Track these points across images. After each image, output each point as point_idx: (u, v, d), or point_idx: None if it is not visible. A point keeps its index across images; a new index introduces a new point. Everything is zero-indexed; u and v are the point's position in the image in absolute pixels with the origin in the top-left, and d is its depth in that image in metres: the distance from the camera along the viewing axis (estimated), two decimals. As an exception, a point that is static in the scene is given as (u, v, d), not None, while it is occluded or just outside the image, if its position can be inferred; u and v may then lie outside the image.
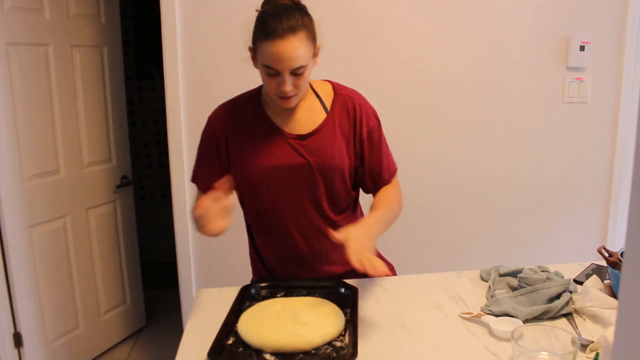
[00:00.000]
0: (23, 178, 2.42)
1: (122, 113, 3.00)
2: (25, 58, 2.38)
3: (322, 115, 1.52)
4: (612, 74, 2.62)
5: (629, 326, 0.46)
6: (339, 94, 1.55)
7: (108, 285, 2.94)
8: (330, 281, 1.50)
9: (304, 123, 1.51)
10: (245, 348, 1.20)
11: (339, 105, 1.53)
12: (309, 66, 1.41)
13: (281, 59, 1.34)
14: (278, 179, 1.49)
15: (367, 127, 1.54)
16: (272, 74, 1.37)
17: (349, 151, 1.53)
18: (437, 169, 2.63)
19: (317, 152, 1.48)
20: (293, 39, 1.33)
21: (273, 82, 1.39)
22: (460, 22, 2.50)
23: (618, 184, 2.72)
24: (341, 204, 1.57)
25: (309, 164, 1.48)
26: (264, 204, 1.53)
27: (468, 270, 1.66)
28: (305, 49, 1.36)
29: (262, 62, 1.38)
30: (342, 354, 1.16)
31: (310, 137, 1.49)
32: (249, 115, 1.53)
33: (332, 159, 1.49)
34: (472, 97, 2.58)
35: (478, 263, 1.81)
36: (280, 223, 1.53)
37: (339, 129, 1.51)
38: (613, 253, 1.48)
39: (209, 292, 1.55)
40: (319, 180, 1.50)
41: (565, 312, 1.35)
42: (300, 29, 1.35)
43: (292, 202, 1.51)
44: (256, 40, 1.38)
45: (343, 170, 1.52)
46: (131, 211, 3.11)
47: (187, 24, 2.39)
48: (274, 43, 1.33)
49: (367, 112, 1.56)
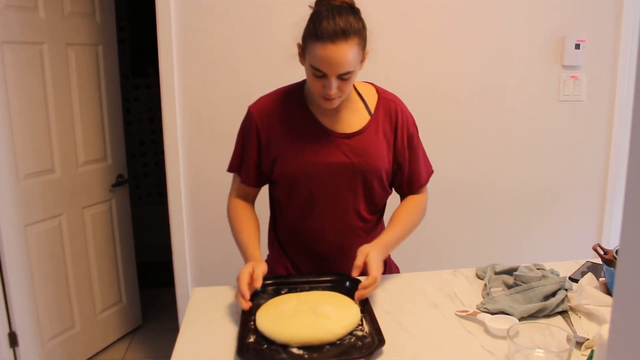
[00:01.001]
0: (18, 177, 2.41)
1: (118, 111, 2.99)
2: (20, 57, 2.37)
3: (365, 117, 1.52)
4: (607, 72, 2.63)
5: (624, 323, 0.46)
6: (383, 97, 1.56)
7: (104, 285, 2.94)
8: (331, 275, 1.52)
9: (348, 123, 1.51)
10: (270, 344, 1.21)
11: (382, 109, 1.54)
12: (356, 71, 1.40)
13: (330, 63, 1.33)
14: (319, 175, 1.49)
15: (407, 132, 1.57)
16: (318, 75, 1.37)
17: (389, 154, 1.54)
18: (434, 167, 2.62)
19: (360, 152, 1.49)
20: (344, 44, 1.32)
21: (318, 83, 1.39)
22: (456, 20, 2.50)
23: (613, 181, 2.73)
24: (376, 204, 1.59)
25: (352, 163, 1.49)
26: (301, 200, 1.53)
27: (464, 268, 1.66)
28: (354, 55, 1.36)
29: (310, 62, 1.37)
30: (367, 342, 1.21)
31: (355, 137, 1.50)
32: (292, 110, 1.52)
33: (375, 161, 1.51)
34: (467, 95, 2.58)
35: (474, 261, 1.81)
36: (314, 220, 1.54)
37: (381, 132, 1.53)
38: (608, 251, 1.48)
39: (205, 291, 1.55)
40: (359, 180, 1.51)
41: (560, 310, 1.36)
42: (352, 34, 1.34)
43: (330, 200, 1.52)
44: (306, 39, 1.38)
45: (383, 172, 1.53)
46: (127, 210, 3.10)
47: (182, 22, 2.38)
48: (325, 46, 1.32)
49: (408, 118, 1.59)
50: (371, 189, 1.54)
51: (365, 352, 1.18)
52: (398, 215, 1.59)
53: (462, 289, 1.53)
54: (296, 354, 1.18)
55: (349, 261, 1.56)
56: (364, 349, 1.19)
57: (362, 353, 1.17)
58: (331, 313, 1.27)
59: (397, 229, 1.54)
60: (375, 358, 1.17)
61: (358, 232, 1.57)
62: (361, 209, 1.55)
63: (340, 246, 1.56)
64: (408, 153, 1.57)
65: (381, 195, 1.59)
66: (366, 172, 1.50)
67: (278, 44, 2.39)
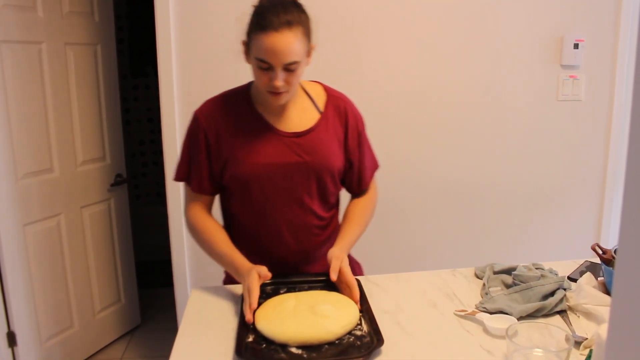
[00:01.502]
0: (17, 176, 2.40)
1: (117, 111, 2.98)
2: (18, 56, 2.36)
3: (315, 115, 1.52)
4: (606, 72, 2.63)
5: (622, 323, 0.46)
6: (331, 95, 1.56)
7: (102, 284, 2.94)
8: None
9: (297, 122, 1.50)
10: (269, 344, 1.21)
11: (332, 107, 1.54)
12: (302, 64, 1.40)
13: (275, 52, 1.33)
14: (272, 177, 1.47)
15: (357, 130, 1.57)
16: (264, 67, 1.36)
17: (340, 152, 1.54)
18: (432, 167, 2.63)
19: (312, 151, 1.48)
20: (288, 33, 1.33)
21: (265, 77, 1.37)
22: (455, 21, 2.50)
23: (612, 181, 2.73)
24: (330, 202, 1.59)
25: (305, 162, 1.48)
26: (255, 203, 1.50)
27: (463, 268, 1.67)
28: (300, 45, 1.36)
29: (255, 56, 1.36)
30: (366, 342, 1.22)
31: (305, 136, 1.49)
32: (239, 112, 1.50)
33: (327, 158, 1.50)
34: (466, 95, 2.58)
35: (473, 261, 1.81)
36: (270, 221, 1.52)
37: (332, 130, 1.52)
38: (607, 250, 1.49)
39: (204, 291, 1.54)
40: (312, 179, 1.50)
41: (559, 309, 1.36)
42: (296, 24, 1.34)
43: (285, 200, 1.50)
44: (251, 33, 1.37)
45: (335, 170, 1.54)
46: (126, 210, 3.10)
47: (181, 22, 2.38)
48: (269, 35, 1.32)
49: (357, 116, 1.59)
50: (325, 187, 1.54)
51: (364, 351, 1.18)
52: (355, 214, 1.61)
53: (461, 288, 1.53)
54: (295, 354, 1.18)
55: (311, 261, 1.58)
56: (363, 349, 1.19)
57: (361, 352, 1.17)
58: (330, 312, 1.27)
59: (356, 229, 1.57)
60: (374, 357, 1.17)
61: (315, 230, 1.57)
62: (316, 208, 1.54)
63: (300, 247, 1.56)
64: (358, 151, 1.58)
65: (334, 193, 1.60)
66: (319, 170, 1.50)
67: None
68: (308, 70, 1.47)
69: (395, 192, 2.62)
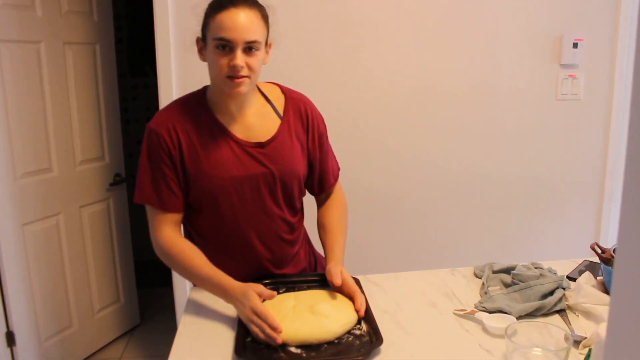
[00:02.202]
0: (15, 176, 2.40)
1: (115, 111, 2.98)
2: (16, 55, 2.36)
3: (276, 121, 1.47)
4: (605, 71, 2.63)
5: (621, 322, 0.46)
6: (290, 97, 1.52)
7: (101, 284, 2.93)
8: None
9: (259, 130, 1.45)
10: (268, 343, 1.21)
11: (292, 110, 1.50)
12: (262, 52, 1.36)
13: (235, 27, 1.29)
14: (240, 189, 1.42)
15: (318, 132, 1.54)
16: (223, 47, 1.30)
17: (304, 157, 1.52)
18: (431, 167, 2.63)
19: (277, 159, 1.45)
20: (248, 10, 1.31)
21: (223, 60, 1.31)
22: (454, 20, 2.50)
23: (611, 181, 2.74)
24: (296, 206, 1.56)
25: (271, 172, 1.44)
26: (224, 216, 1.45)
27: (462, 268, 1.67)
28: (260, 25, 1.34)
29: (213, 37, 1.31)
30: (365, 341, 1.22)
31: (269, 145, 1.45)
32: (199, 122, 1.42)
33: (292, 166, 1.48)
34: (465, 95, 2.58)
35: (472, 260, 1.81)
36: (240, 233, 1.48)
37: (294, 134, 1.49)
38: (606, 249, 1.49)
39: (203, 291, 1.54)
40: (279, 187, 1.47)
41: (558, 309, 1.36)
42: (255, 6, 1.33)
43: (254, 211, 1.46)
44: (207, 19, 1.34)
45: (301, 175, 1.52)
46: (124, 209, 3.10)
47: (180, 21, 2.38)
48: (229, 11, 1.30)
49: (318, 117, 1.56)
50: (291, 194, 1.51)
51: (363, 351, 1.18)
52: (334, 225, 1.58)
53: (460, 288, 1.53)
54: (294, 353, 1.18)
55: (283, 267, 1.55)
56: (362, 348, 1.19)
57: (360, 352, 1.17)
58: (329, 312, 1.27)
59: (341, 240, 1.55)
60: (373, 357, 1.18)
61: (285, 236, 1.54)
62: (285, 215, 1.52)
63: (271, 254, 1.53)
64: (319, 153, 1.55)
65: (299, 198, 1.58)
66: (286, 178, 1.46)
67: (276, 43, 2.39)
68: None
69: (394, 193, 2.62)
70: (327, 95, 2.43)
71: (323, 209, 1.63)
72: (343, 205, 1.65)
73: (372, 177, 2.59)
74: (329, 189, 1.63)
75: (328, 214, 1.61)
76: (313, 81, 2.42)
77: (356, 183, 2.53)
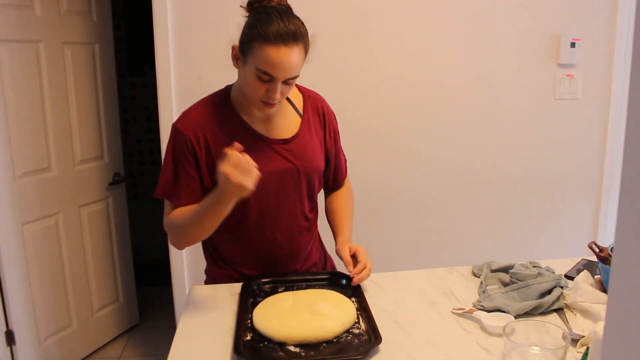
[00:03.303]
0: (15, 175, 2.40)
1: (114, 110, 2.98)
2: (16, 55, 2.36)
3: (296, 119, 1.53)
4: (602, 71, 2.64)
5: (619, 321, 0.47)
6: (308, 96, 1.58)
7: (101, 283, 2.93)
8: (327, 273, 1.56)
9: (282, 128, 1.50)
10: (267, 342, 1.22)
11: (310, 108, 1.56)
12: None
13: (282, 67, 1.30)
14: (267, 185, 1.44)
15: (333, 128, 1.62)
16: (265, 80, 1.32)
17: (322, 152, 1.58)
18: (429, 166, 2.63)
19: (301, 155, 1.50)
20: (295, 47, 1.31)
21: (262, 88, 1.34)
22: (452, 19, 2.51)
23: (608, 180, 2.74)
24: (315, 200, 1.63)
25: (296, 167, 1.49)
26: (249, 211, 1.48)
27: (460, 266, 1.67)
28: (301, 61, 1.35)
29: (256, 65, 1.31)
30: (364, 340, 1.22)
31: (293, 141, 1.50)
32: (225, 122, 1.45)
33: (314, 161, 1.53)
34: (463, 94, 2.58)
35: (470, 259, 1.82)
36: (263, 228, 1.51)
37: (314, 131, 1.55)
38: (603, 248, 1.49)
39: (202, 289, 1.55)
40: (304, 183, 1.53)
41: (556, 307, 1.36)
42: (301, 38, 1.32)
43: (280, 206, 1.51)
44: (252, 41, 1.31)
45: (321, 169, 1.57)
46: (124, 208, 3.10)
47: (178, 20, 2.38)
48: (278, 49, 1.28)
49: (332, 114, 1.63)
50: (313, 189, 1.57)
51: (361, 349, 1.18)
52: (343, 208, 1.67)
53: (458, 286, 1.53)
54: (293, 352, 1.18)
55: (298, 260, 1.61)
56: (361, 347, 1.20)
57: (359, 351, 1.18)
58: (328, 311, 1.27)
59: (348, 222, 1.64)
60: (372, 356, 1.18)
61: (304, 231, 1.60)
62: (306, 209, 1.58)
63: (291, 248, 1.58)
64: (334, 148, 1.63)
65: (317, 192, 1.63)
66: (309, 173, 1.52)
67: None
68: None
69: (392, 193, 2.63)
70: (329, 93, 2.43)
71: (332, 196, 1.71)
72: (351, 193, 1.74)
73: (369, 177, 2.59)
74: (342, 181, 1.72)
75: (336, 200, 1.69)
76: (318, 79, 2.42)
77: (353, 182, 2.53)
